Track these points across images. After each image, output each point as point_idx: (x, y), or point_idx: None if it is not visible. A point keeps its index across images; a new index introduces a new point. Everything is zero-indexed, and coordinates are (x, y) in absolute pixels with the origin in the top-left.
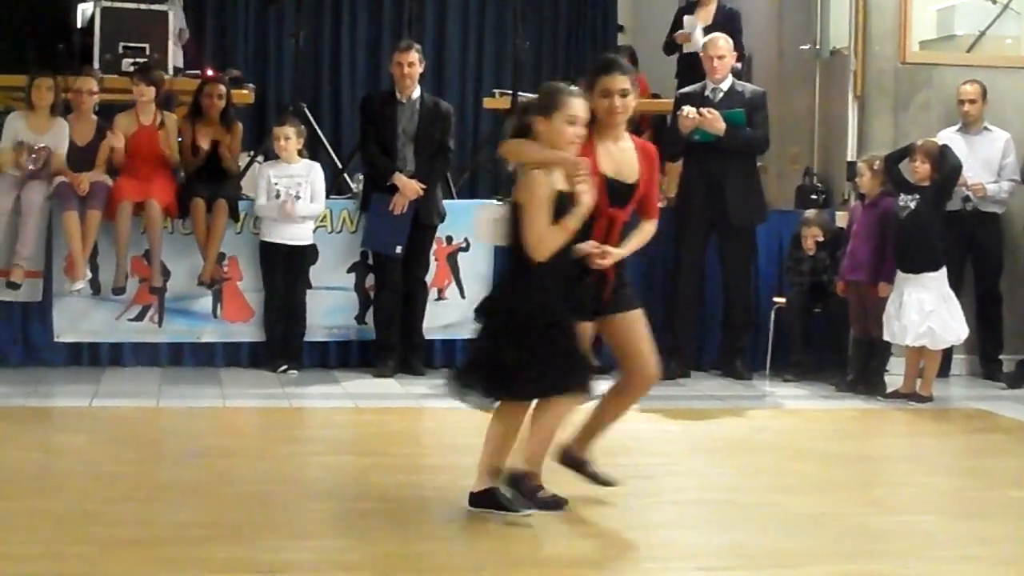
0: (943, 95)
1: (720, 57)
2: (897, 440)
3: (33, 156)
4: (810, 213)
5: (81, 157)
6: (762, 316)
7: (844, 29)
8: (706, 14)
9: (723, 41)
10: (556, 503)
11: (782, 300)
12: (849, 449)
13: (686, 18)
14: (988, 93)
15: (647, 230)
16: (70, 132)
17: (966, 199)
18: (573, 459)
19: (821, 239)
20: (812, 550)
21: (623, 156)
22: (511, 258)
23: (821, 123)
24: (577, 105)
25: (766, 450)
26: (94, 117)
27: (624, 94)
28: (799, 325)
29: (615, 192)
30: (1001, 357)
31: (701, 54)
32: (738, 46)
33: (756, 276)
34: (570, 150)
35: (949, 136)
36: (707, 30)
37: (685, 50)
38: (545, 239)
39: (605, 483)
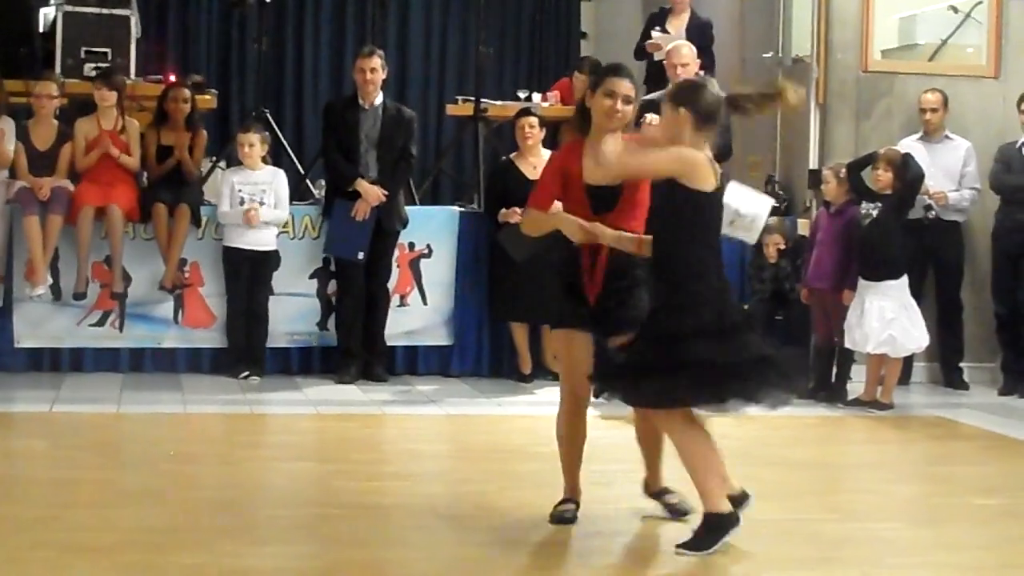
0: (905, 103)
1: (684, 65)
2: (859, 447)
3: None
4: (772, 221)
5: (42, 162)
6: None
7: (806, 37)
8: (678, 23)
9: (687, 49)
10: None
11: (745, 307)
12: (811, 456)
13: (655, 32)
14: (949, 102)
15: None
16: (31, 137)
17: (928, 207)
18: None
19: (783, 247)
20: (775, 557)
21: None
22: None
23: (783, 131)
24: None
25: (728, 457)
26: (55, 122)
27: (627, 101)
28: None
29: (598, 198)
30: (962, 365)
31: (665, 62)
32: (708, 56)
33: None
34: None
35: (911, 144)
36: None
37: (656, 57)
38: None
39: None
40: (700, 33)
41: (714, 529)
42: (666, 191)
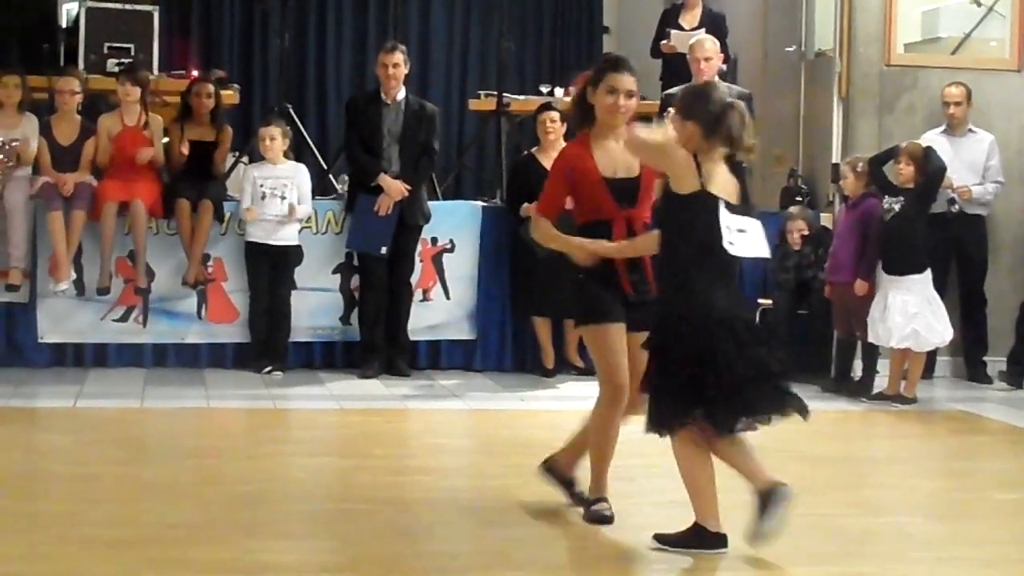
0: (928, 97)
1: (707, 59)
2: (881, 442)
3: (4, 152)
4: (794, 208)
5: (65, 158)
6: None
7: (829, 31)
8: (691, 17)
9: (710, 43)
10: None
11: (768, 302)
12: (834, 451)
13: (673, 32)
14: (973, 95)
15: (652, 236)
16: (54, 132)
17: (951, 201)
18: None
19: (806, 232)
20: (797, 552)
21: (622, 154)
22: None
23: (806, 125)
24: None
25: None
26: (78, 117)
27: (630, 95)
28: (785, 326)
29: (619, 191)
30: (986, 359)
31: (688, 56)
32: (723, 48)
33: (741, 277)
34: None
35: (933, 138)
36: (692, 32)
37: (679, 50)
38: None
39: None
40: (714, 26)
41: (693, 538)
42: (660, 193)
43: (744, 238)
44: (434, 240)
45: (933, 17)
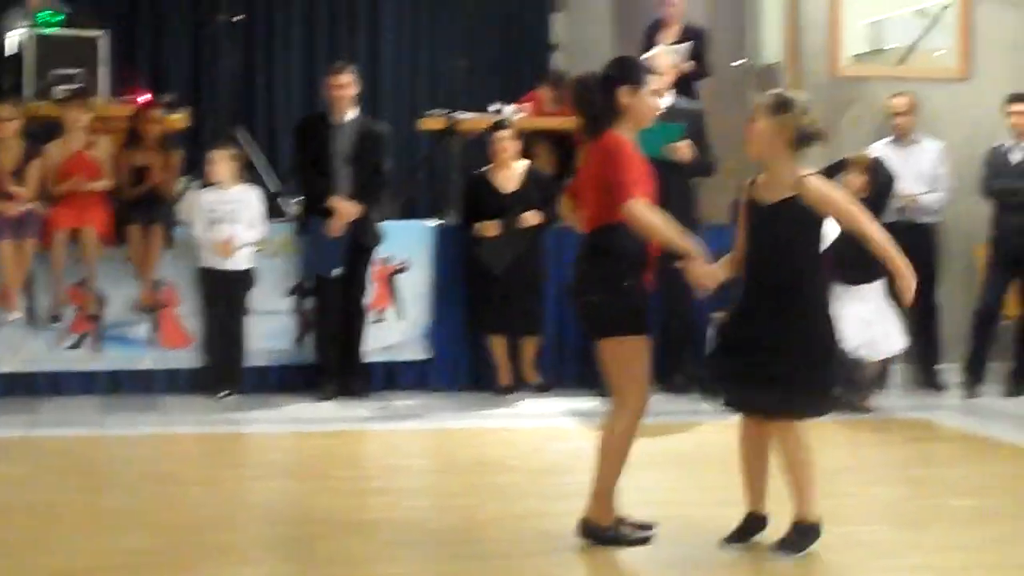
0: (875, 108)
1: (662, 75)
2: (838, 451)
3: None
4: None
5: (10, 184)
6: (701, 329)
7: (776, 44)
8: (670, 34)
9: (666, 58)
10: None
11: (721, 314)
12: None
13: (664, 50)
14: (920, 105)
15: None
16: None
17: (901, 210)
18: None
19: None
20: (758, 563)
21: None
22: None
23: None
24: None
25: (710, 463)
26: (19, 141)
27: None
28: None
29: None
30: (939, 366)
31: None
32: (704, 63)
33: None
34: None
35: (882, 148)
36: None
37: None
38: None
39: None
40: (694, 41)
41: (808, 535)
42: (799, 216)
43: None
44: (387, 260)
45: (879, 28)
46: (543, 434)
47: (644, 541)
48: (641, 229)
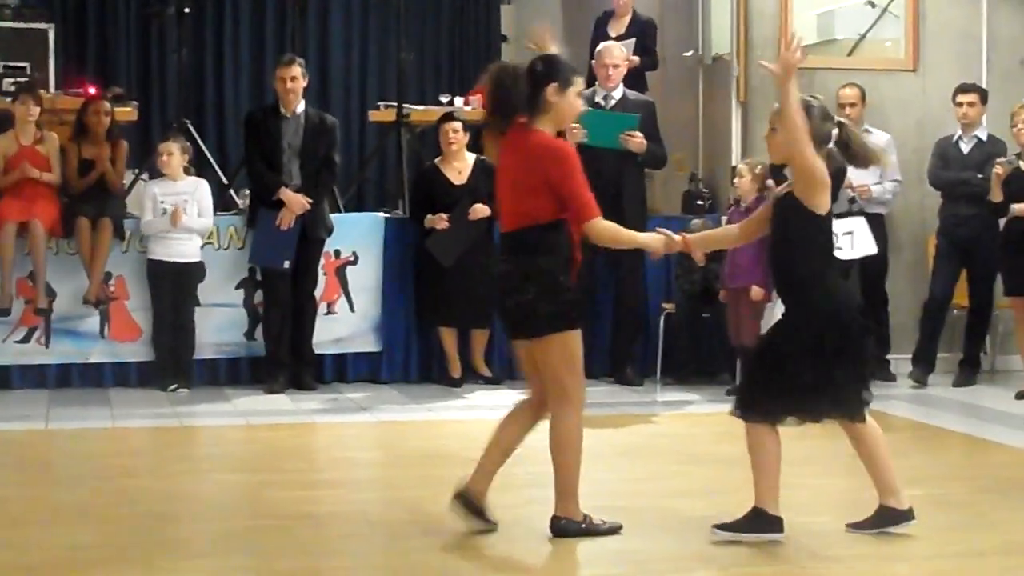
0: (825, 99)
1: (615, 66)
2: (789, 442)
3: None
4: (696, 221)
5: None
6: (651, 322)
7: (726, 35)
8: (620, 25)
9: (618, 51)
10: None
11: (671, 306)
12: (741, 452)
13: (615, 43)
14: (869, 95)
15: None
16: None
17: (852, 200)
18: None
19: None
20: (708, 554)
21: None
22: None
23: (705, 129)
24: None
25: (659, 455)
26: None
27: None
28: (688, 330)
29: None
30: (889, 357)
31: (595, 62)
32: (652, 54)
33: (644, 282)
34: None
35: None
36: (619, 39)
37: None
38: None
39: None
40: (643, 33)
41: (754, 521)
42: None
43: (849, 240)
44: (337, 253)
45: (829, 19)
46: (494, 426)
47: (615, 531)
48: (606, 243)
